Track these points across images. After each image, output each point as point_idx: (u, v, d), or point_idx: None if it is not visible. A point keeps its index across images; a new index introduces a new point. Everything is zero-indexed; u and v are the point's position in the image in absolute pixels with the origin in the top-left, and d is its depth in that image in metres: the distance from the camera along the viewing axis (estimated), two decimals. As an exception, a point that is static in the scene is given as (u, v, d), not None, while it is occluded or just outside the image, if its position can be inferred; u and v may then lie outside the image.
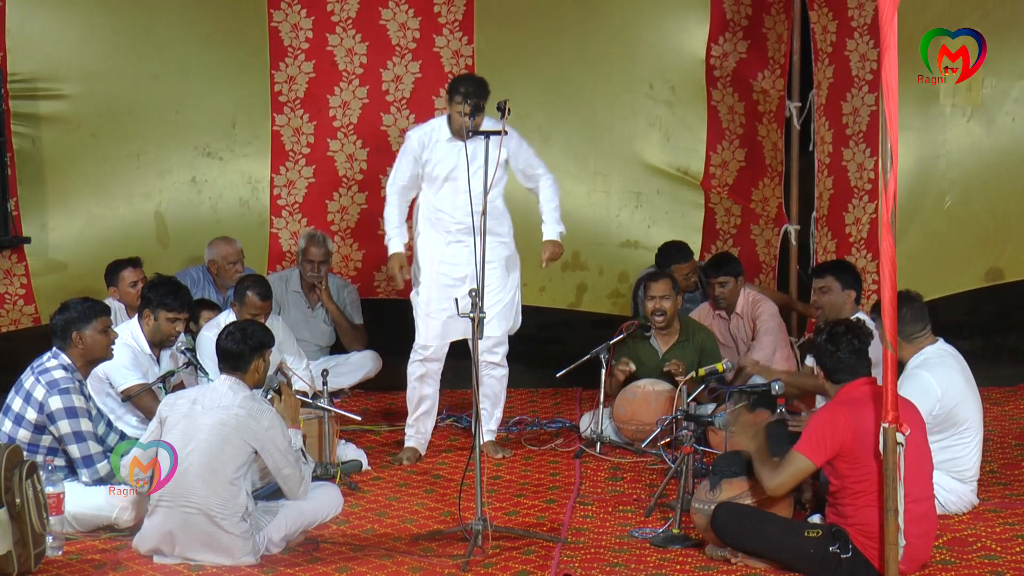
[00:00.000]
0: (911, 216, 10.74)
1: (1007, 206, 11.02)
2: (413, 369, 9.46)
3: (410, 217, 9.64)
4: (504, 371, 9.53)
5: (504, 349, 9.49)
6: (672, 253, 10.55)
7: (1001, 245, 11.05)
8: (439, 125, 9.35)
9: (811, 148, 11.02)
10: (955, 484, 7.87)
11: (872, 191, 10.58)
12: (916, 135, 10.76)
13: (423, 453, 9.50)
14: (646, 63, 11.28)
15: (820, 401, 8.77)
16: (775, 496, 7.15)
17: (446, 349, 9.46)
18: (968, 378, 8.03)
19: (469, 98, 8.97)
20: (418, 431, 9.51)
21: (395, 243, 9.46)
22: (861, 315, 8.81)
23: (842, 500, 6.98)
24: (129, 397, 8.56)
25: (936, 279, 10.78)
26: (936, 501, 7.55)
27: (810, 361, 8.37)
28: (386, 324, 11.21)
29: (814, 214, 11.10)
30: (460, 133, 9.04)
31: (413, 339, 9.47)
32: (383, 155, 11.35)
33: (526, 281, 9.79)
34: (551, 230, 9.43)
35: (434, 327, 9.36)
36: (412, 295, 9.55)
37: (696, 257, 10.94)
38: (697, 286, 10.66)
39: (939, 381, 7.78)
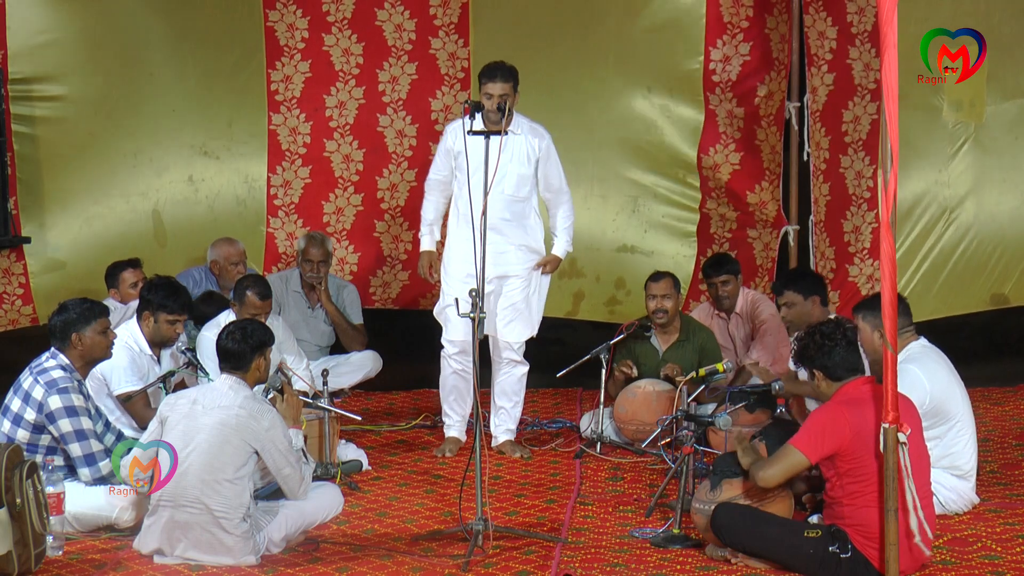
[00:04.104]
0: (911, 233, 10.73)
1: (1006, 231, 10.99)
2: (444, 364, 9.53)
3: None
4: (524, 369, 9.56)
5: (522, 348, 9.52)
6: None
7: (1004, 270, 11.02)
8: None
9: (806, 154, 10.97)
10: (955, 482, 7.88)
11: (872, 199, 10.57)
12: (919, 153, 10.73)
13: (464, 439, 9.55)
14: (643, 66, 11.22)
15: (812, 404, 8.67)
16: (765, 486, 7.13)
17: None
18: (953, 372, 8.04)
19: (498, 78, 9.05)
20: (453, 419, 9.56)
21: (426, 241, 9.54)
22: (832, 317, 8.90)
23: (840, 500, 6.99)
24: (124, 401, 8.57)
25: (939, 299, 10.77)
26: (936, 500, 7.59)
27: (803, 374, 8.32)
28: (386, 330, 11.21)
29: (811, 217, 11.08)
30: (489, 119, 9.04)
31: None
32: (379, 156, 11.35)
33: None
34: (561, 248, 9.55)
35: (456, 323, 9.35)
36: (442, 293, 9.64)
37: (694, 261, 10.99)
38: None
39: (927, 376, 7.79)
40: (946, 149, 10.83)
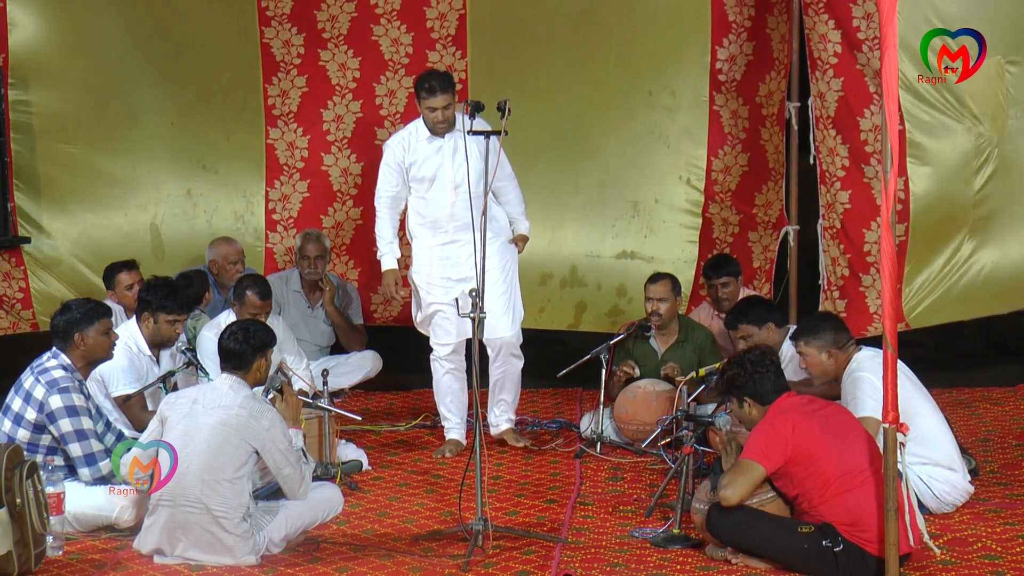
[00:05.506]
0: (936, 244, 10.68)
1: None
2: (436, 367, 9.54)
3: (401, 229, 9.67)
4: (522, 361, 9.58)
5: (520, 339, 9.53)
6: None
7: None
8: (415, 128, 9.43)
9: (812, 158, 10.90)
10: (947, 474, 7.87)
11: (902, 212, 10.43)
12: (941, 166, 10.70)
13: (465, 442, 9.54)
14: (644, 70, 11.17)
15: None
16: (727, 505, 7.12)
17: (464, 344, 9.44)
18: (905, 371, 7.99)
19: (437, 92, 9.16)
20: (452, 421, 9.57)
21: (388, 259, 9.49)
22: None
23: (813, 505, 7.05)
24: (121, 403, 8.56)
25: (968, 307, 10.71)
26: (931, 494, 7.74)
27: (723, 421, 8.29)
28: (386, 332, 11.20)
29: (821, 222, 10.95)
30: (436, 130, 9.24)
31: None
32: (378, 170, 11.33)
33: (524, 303, 9.76)
34: (526, 227, 9.65)
35: (446, 327, 9.39)
36: (412, 305, 9.62)
37: (695, 265, 11.06)
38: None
39: (880, 381, 7.78)
40: (969, 161, 10.72)
